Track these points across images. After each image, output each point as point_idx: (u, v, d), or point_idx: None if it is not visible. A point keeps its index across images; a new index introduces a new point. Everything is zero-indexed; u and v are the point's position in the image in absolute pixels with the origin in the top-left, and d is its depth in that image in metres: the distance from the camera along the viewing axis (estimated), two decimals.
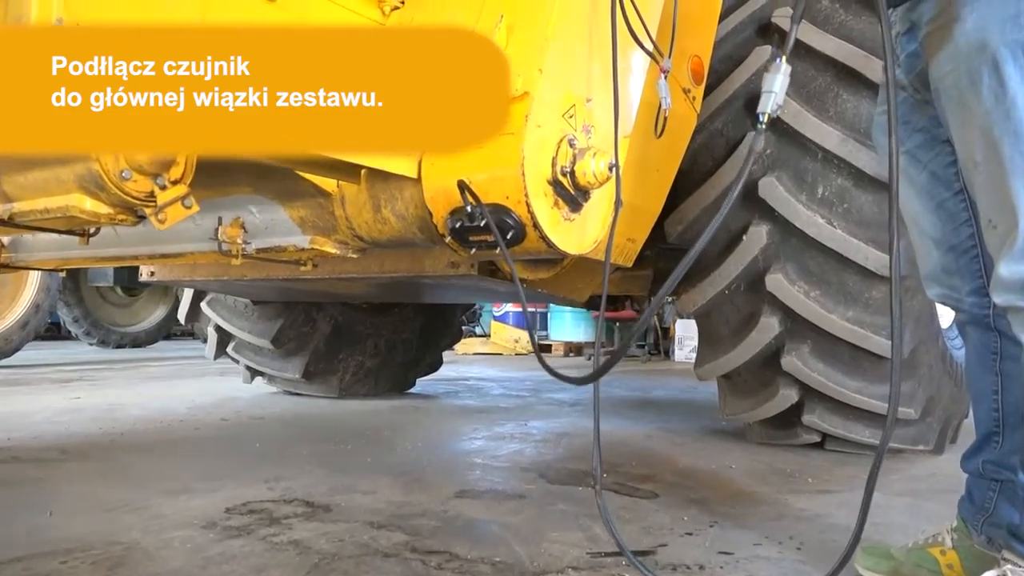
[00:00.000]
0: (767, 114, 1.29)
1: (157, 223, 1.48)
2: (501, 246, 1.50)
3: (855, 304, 2.65)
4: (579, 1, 1.69)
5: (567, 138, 1.59)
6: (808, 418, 2.91)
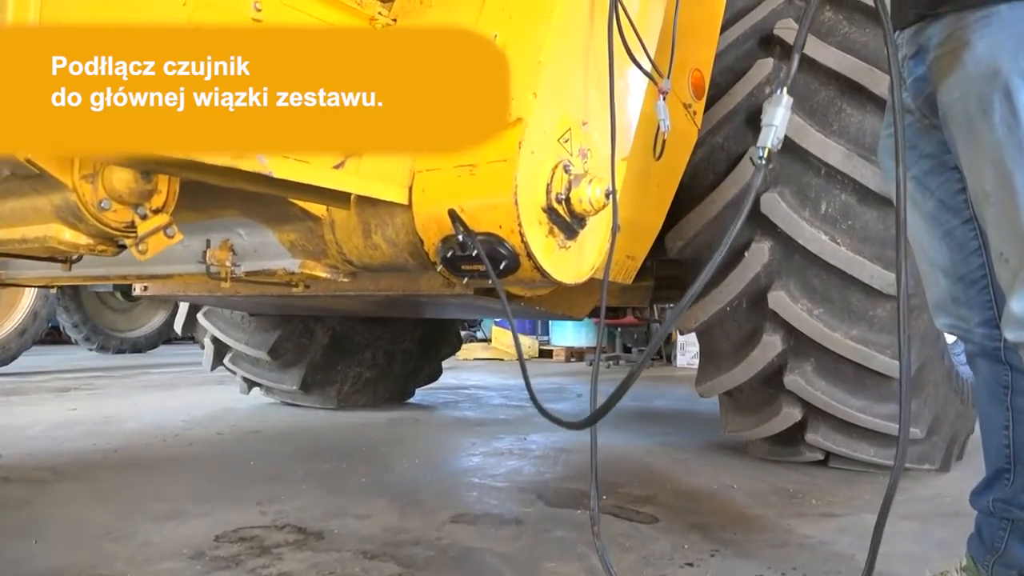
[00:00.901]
0: (767, 148, 1.23)
1: (138, 254, 1.43)
2: (492, 278, 1.45)
3: (859, 322, 2.60)
4: (575, 21, 1.63)
5: (562, 164, 1.54)
6: (811, 436, 2.85)
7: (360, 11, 1.86)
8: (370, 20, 1.88)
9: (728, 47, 2.82)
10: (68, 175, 1.35)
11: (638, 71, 1.76)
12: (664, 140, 1.73)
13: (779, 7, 2.80)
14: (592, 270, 1.66)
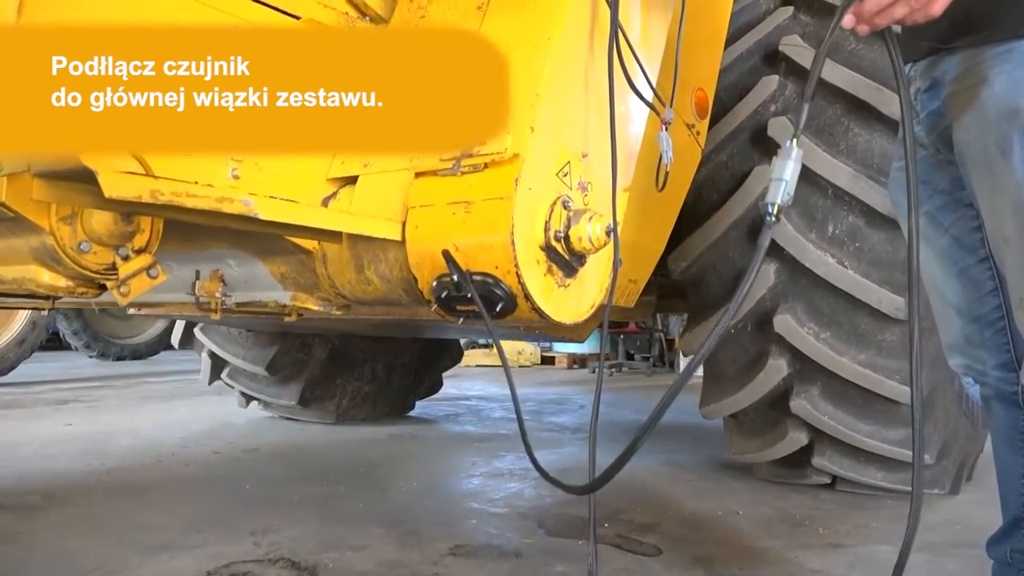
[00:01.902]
0: (777, 205, 1.17)
1: (119, 297, 1.38)
2: (487, 321, 1.40)
3: (868, 347, 2.54)
4: (573, 49, 1.57)
5: (561, 199, 1.48)
6: (818, 460, 2.79)
7: None
8: None
9: (732, 63, 2.76)
10: (44, 218, 1.30)
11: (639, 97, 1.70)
12: (667, 172, 1.67)
13: (784, 23, 2.74)
14: (593, 308, 1.60)
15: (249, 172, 1.60)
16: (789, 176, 1.16)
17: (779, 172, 1.16)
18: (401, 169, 1.60)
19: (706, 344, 1.22)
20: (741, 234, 2.65)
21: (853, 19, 1.16)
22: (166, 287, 2.02)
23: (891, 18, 1.12)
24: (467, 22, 1.70)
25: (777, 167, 1.17)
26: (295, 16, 1.70)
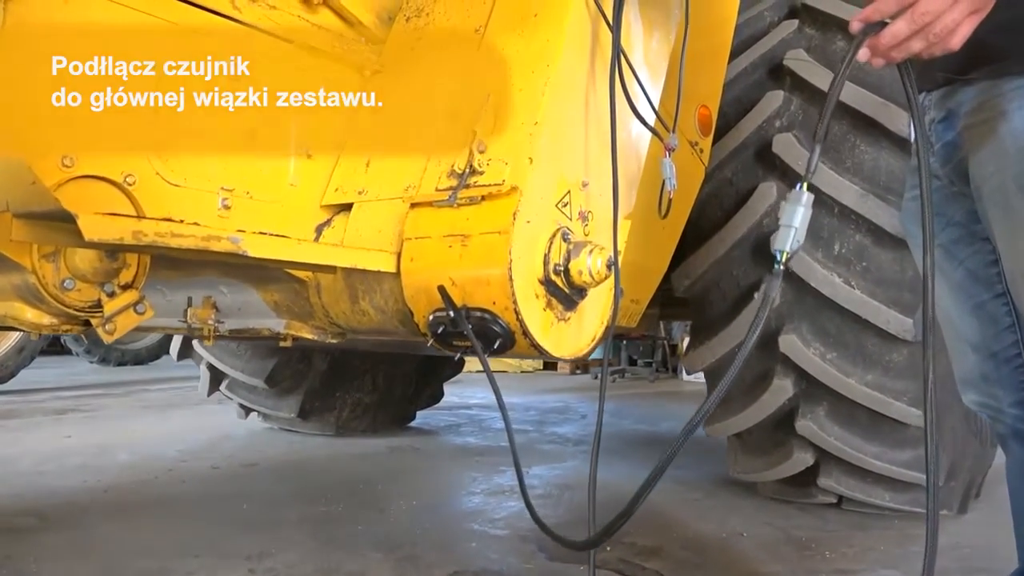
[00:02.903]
0: (785, 253, 1.12)
1: (105, 335, 1.33)
2: (483, 361, 1.35)
3: (875, 368, 2.48)
4: (574, 74, 1.53)
5: (561, 231, 1.43)
6: (824, 481, 2.74)
7: (348, 60, 1.76)
8: (358, 68, 1.78)
9: (736, 77, 2.71)
10: (26, 256, 1.25)
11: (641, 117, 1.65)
12: (671, 199, 1.63)
13: (789, 36, 2.69)
14: (594, 341, 1.56)
15: (240, 201, 1.56)
16: (799, 223, 1.11)
17: (788, 218, 1.11)
18: (396, 197, 1.56)
19: (712, 399, 1.17)
20: (745, 252, 2.60)
21: (868, 52, 1.11)
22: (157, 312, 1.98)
23: (908, 52, 1.07)
24: (464, 45, 1.66)
25: (787, 213, 1.12)
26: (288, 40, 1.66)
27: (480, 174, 1.42)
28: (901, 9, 1.04)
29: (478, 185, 1.41)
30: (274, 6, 1.67)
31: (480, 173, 1.42)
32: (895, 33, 1.05)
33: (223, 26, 1.54)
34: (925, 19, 1.01)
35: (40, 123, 1.27)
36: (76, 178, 1.32)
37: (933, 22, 1.01)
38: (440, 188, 1.46)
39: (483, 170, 1.42)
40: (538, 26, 1.55)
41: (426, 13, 1.80)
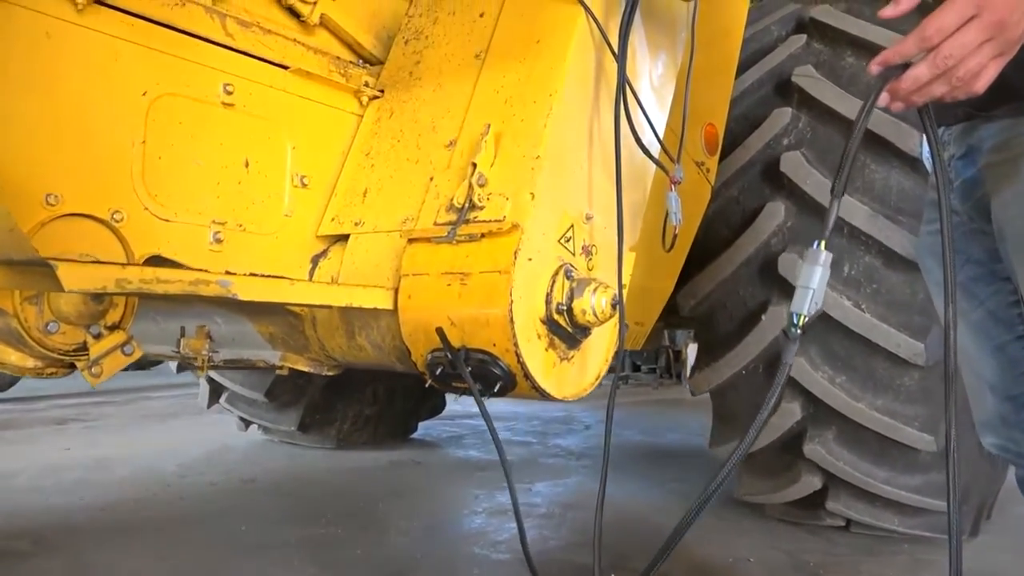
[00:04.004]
0: (803, 316, 1.06)
1: (91, 378, 1.29)
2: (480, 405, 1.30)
3: (885, 392, 2.43)
4: (577, 105, 1.48)
5: (564, 268, 1.38)
6: (832, 505, 2.69)
7: (345, 84, 1.71)
8: (355, 93, 1.74)
9: (743, 93, 2.66)
10: (7, 299, 1.21)
11: (646, 143, 1.60)
12: (676, 234, 1.58)
13: (797, 51, 2.63)
14: (598, 379, 1.51)
15: (232, 234, 1.51)
16: (817, 284, 1.05)
17: (806, 279, 1.05)
18: (394, 230, 1.51)
19: (728, 466, 1.11)
20: (752, 272, 2.54)
21: (887, 96, 1.05)
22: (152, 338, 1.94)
23: (929, 96, 1.02)
24: (464, 71, 1.61)
25: (804, 274, 1.06)
26: (283, 66, 1.61)
27: (480, 209, 1.37)
28: (923, 52, 0.98)
29: (478, 221, 1.36)
30: (269, 30, 1.62)
31: (480, 208, 1.37)
32: (916, 77, 1.00)
33: (215, 53, 1.49)
34: (948, 63, 0.96)
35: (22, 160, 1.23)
36: (61, 216, 1.27)
37: (957, 65, 0.96)
38: (439, 222, 1.42)
39: (483, 205, 1.37)
40: (540, 53, 1.50)
41: (425, 36, 1.76)
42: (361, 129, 1.73)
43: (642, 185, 1.66)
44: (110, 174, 1.34)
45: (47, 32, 1.26)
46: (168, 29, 1.41)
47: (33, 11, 1.24)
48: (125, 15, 1.35)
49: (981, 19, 0.93)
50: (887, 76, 1.05)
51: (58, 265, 1.01)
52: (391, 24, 1.91)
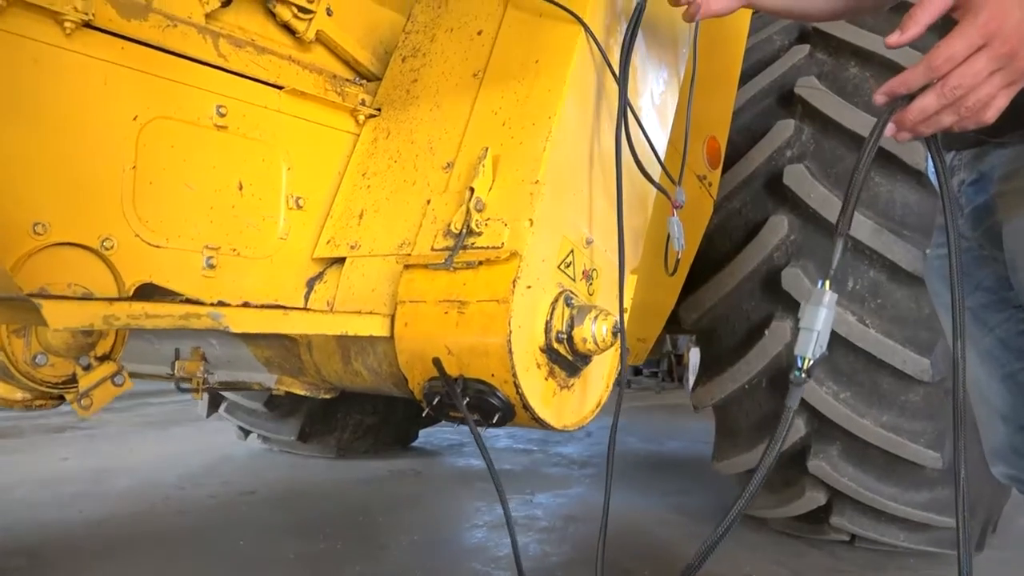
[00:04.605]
0: (807, 359, 1.03)
1: (80, 410, 1.26)
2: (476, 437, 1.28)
3: (890, 408, 2.40)
4: (577, 125, 1.45)
5: (564, 295, 1.35)
6: (837, 520, 2.66)
7: (342, 104, 1.68)
8: (351, 111, 1.71)
9: (745, 104, 2.63)
10: None
11: (647, 164, 1.56)
12: (678, 258, 1.55)
13: (800, 62, 2.60)
14: (598, 407, 1.48)
15: (226, 259, 1.48)
16: (821, 326, 1.02)
17: (809, 321, 1.02)
18: (390, 254, 1.48)
19: (742, 501, 1.08)
20: (755, 286, 2.51)
21: (893, 127, 1.02)
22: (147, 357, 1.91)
23: (937, 126, 0.99)
24: (461, 90, 1.58)
25: (807, 315, 1.03)
26: (277, 86, 1.58)
27: (478, 235, 1.34)
28: (930, 81, 0.95)
29: (475, 247, 1.33)
30: (264, 48, 1.59)
31: (478, 234, 1.34)
32: (923, 108, 0.97)
33: (208, 75, 1.46)
34: (957, 92, 0.93)
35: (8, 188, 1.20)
36: (49, 246, 1.25)
37: (965, 95, 0.93)
38: (436, 248, 1.39)
39: (481, 231, 1.34)
40: (539, 73, 1.47)
41: (423, 53, 1.73)
42: (357, 149, 1.70)
43: (643, 207, 1.63)
44: (100, 201, 1.31)
45: (34, 58, 1.23)
46: (159, 51, 1.38)
47: (19, 36, 1.21)
48: (115, 38, 1.32)
49: (991, 48, 0.90)
50: (893, 108, 1.01)
51: (43, 304, 0.98)
52: (389, 39, 1.88)
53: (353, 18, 1.82)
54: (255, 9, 1.65)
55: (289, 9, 1.66)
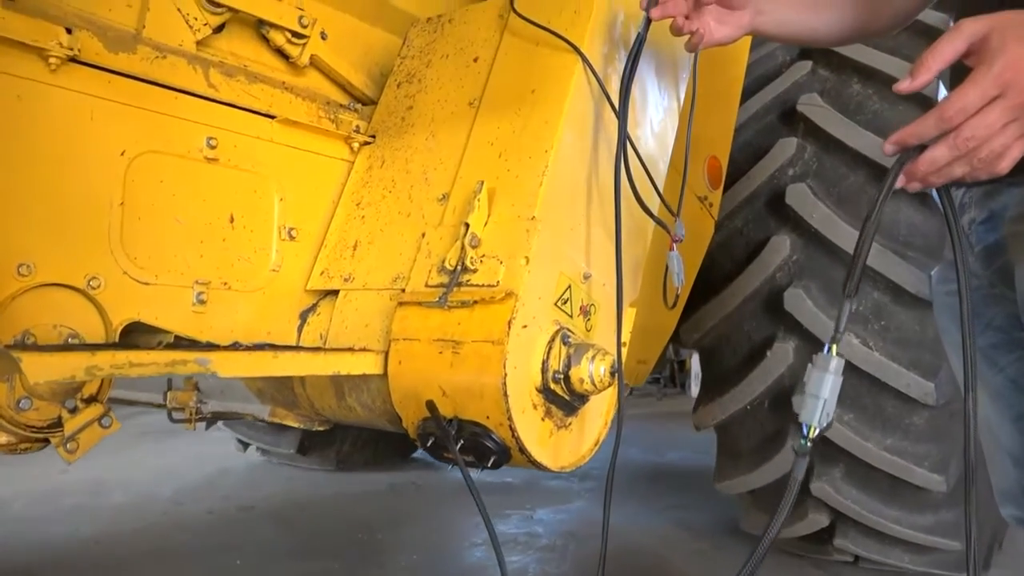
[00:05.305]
0: (813, 428, 0.99)
1: (66, 454, 1.23)
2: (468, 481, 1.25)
3: (894, 431, 2.36)
4: (575, 158, 1.41)
5: (560, 333, 1.32)
6: (840, 542, 2.63)
7: (335, 131, 1.66)
8: (345, 139, 1.68)
9: (747, 120, 2.60)
10: None
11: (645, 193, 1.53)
12: (678, 293, 1.51)
13: (802, 78, 2.57)
14: (596, 445, 1.44)
15: (217, 294, 1.46)
16: (828, 393, 0.98)
17: (815, 387, 0.99)
18: (384, 289, 1.45)
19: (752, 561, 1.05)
20: (757, 306, 2.48)
21: (903, 178, 0.99)
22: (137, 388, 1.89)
23: (949, 177, 0.95)
24: (457, 119, 1.55)
25: (813, 381, 0.99)
26: (270, 115, 1.55)
27: (473, 272, 1.31)
28: (942, 133, 0.91)
29: (470, 285, 1.30)
30: (256, 76, 1.56)
31: (473, 271, 1.31)
32: (934, 159, 0.93)
33: (198, 106, 1.43)
34: (970, 144, 0.89)
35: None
36: (34, 287, 1.22)
37: (979, 147, 0.89)
38: (430, 284, 1.36)
39: (476, 268, 1.31)
40: (536, 104, 1.44)
41: (418, 79, 1.70)
42: (352, 177, 1.67)
43: (642, 237, 1.59)
44: (86, 239, 1.28)
45: (18, 95, 1.20)
46: (148, 84, 1.35)
47: (2, 74, 1.18)
48: (102, 72, 1.30)
49: (1007, 99, 0.87)
50: (904, 160, 0.98)
51: (22, 357, 0.95)
52: (384, 61, 1.85)
53: (348, 41, 1.79)
54: (248, 35, 1.62)
55: (282, 34, 1.63)
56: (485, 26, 1.62)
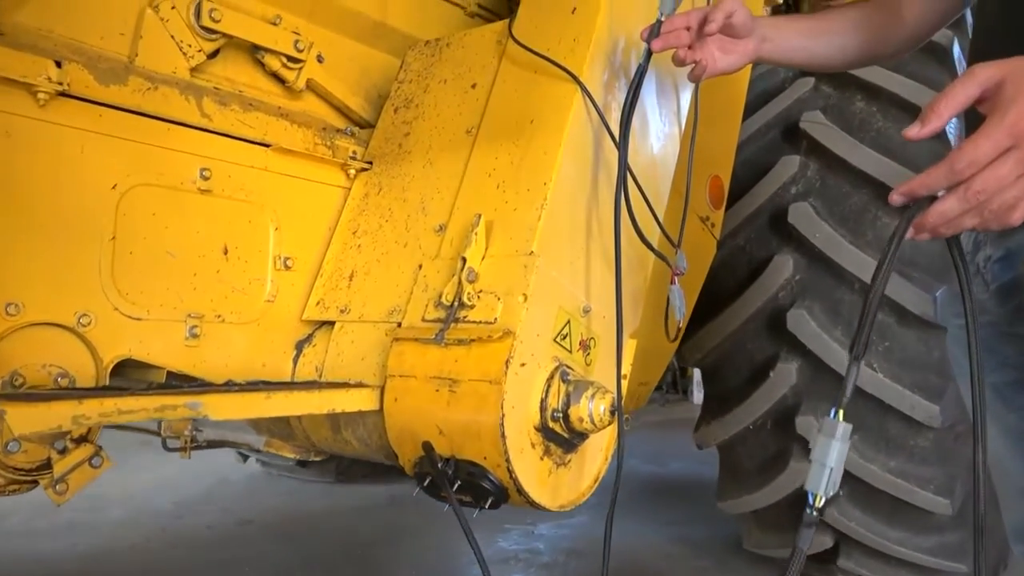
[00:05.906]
0: (819, 496, 0.96)
1: (55, 496, 1.21)
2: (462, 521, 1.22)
3: (898, 453, 2.33)
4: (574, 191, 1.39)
5: (560, 370, 1.29)
6: (844, 563, 2.59)
7: (332, 159, 1.63)
8: (342, 166, 1.66)
9: (749, 137, 2.57)
10: None
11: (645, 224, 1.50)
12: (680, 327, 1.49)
13: (805, 95, 2.54)
14: (596, 482, 1.42)
15: (210, 327, 1.43)
16: (835, 461, 0.95)
17: (821, 454, 0.95)
18: (380, 321, 1.43)
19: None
20: (759, 326, 2.45)
21: (912, 230, 0.96)
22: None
23: (958, 228, 0.92)
24: (455, 147, 1.53)
25: (819, 447, 0.96)
26: (265, 144, 1.53)
27: (470, 308, 1.29)
28: (952, 184, 0.88)
29: (467, 321, 1.28)
30: (251, 103, 1.54)
31: (470, 307, 1.29)
32: (944, 212, 0.90)
33: (191, 137, 1.41)
34: (980, 197, 0.86)
35: None
36: (24, 327, 1.20)
37: (990, 199, 0.87)
38: (427, 319, 1.33)
39: (473, 304, 1.29)
40: (535, 134, 1.41)
41: (415, 105, 1.67)
42: (348, 204, 1.65)
43: (643, 267, 1.56)
44: (76, 276, 1.26)
45: (6, 131, 1.18)
46: (139, 116, 1.33)
47: None
48: (92, 105, 1.27)
49: (1020, 150, 0.84)
50: (913, 213, 0.94)
51: (7, 410, 0.93)
52: (382, 83, 1.83)
53: (345, 64, 1.77)
54: (243, 59, 1.60)
55: (278, 59, 1.61)
56: (483, 52, 1.60)
